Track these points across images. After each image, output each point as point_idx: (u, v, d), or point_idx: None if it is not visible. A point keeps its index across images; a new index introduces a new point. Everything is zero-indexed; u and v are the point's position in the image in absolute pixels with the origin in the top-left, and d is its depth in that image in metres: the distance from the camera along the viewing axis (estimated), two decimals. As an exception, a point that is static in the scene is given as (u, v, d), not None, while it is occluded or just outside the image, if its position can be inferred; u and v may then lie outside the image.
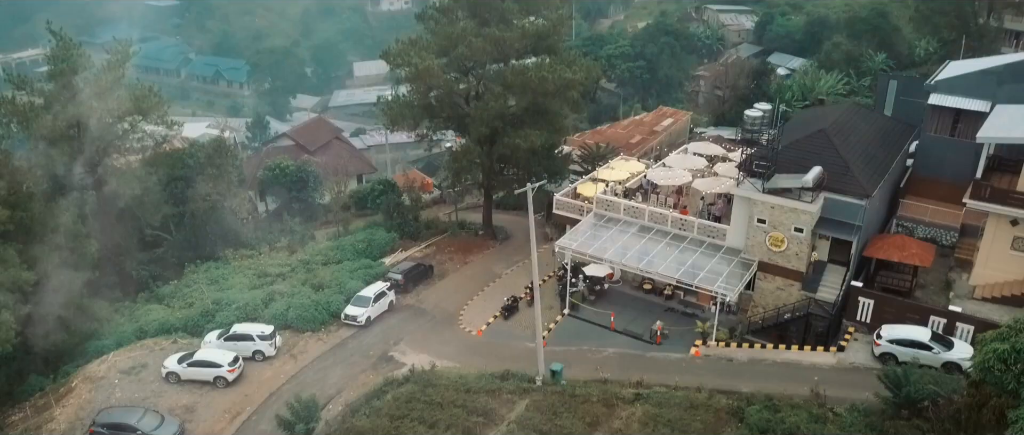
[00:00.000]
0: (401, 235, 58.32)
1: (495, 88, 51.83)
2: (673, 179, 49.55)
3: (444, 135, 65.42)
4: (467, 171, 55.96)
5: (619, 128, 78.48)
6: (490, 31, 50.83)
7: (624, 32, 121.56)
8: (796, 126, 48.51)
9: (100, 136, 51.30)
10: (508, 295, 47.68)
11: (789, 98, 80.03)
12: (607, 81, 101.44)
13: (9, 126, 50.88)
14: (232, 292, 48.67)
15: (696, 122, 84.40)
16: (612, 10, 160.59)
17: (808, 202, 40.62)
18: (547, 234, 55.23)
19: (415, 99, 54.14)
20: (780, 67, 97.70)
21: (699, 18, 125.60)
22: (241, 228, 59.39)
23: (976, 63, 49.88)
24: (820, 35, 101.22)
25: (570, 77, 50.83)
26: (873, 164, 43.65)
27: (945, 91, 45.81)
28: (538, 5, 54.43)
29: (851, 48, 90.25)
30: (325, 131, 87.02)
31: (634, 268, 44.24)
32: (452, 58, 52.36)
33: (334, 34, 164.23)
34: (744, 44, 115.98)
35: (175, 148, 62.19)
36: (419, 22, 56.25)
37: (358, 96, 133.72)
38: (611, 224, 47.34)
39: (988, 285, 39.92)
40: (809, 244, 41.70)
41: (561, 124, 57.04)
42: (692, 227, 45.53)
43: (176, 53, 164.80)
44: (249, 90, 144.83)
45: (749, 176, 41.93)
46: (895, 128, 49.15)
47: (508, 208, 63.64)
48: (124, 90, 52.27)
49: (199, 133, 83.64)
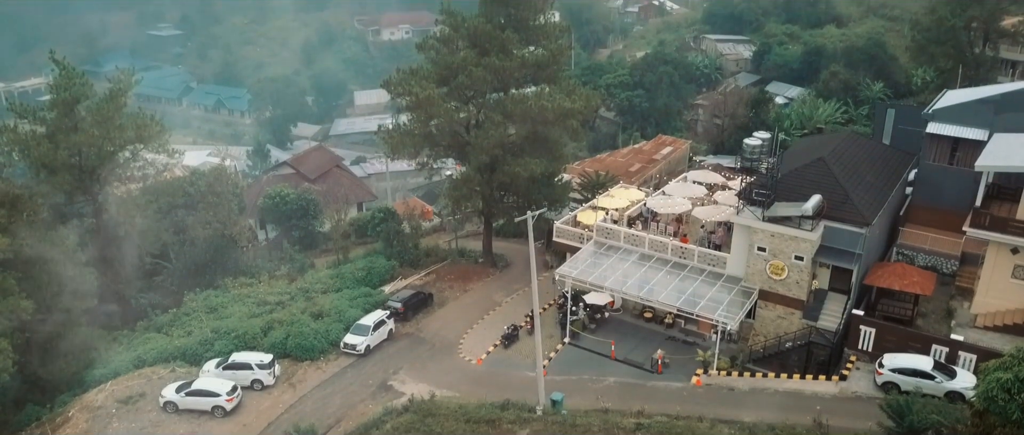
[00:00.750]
0: (401, 263, 58.26)
1: (495, 117, 52.10)
2: (673, 207, 49.63)
3: (444, 163, 65.59)
4: (467, 199, 56.04)
5: (618, 156, 78.75)
6: (490, 61, 51.22)
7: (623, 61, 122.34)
8: (795, 154, 48.72)
9: (101, 164, 51.48)
10: (508, 323, 47.50)
11: (788, 126, 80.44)
12: (606, 110, 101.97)
13: (10, 155, 51.08)
14: (231, 320, 48.47)
15: (695, 151, 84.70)
16: (611, 40, 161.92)
17: (808, 230, 40.65)
18: (547, 262, 55.17)
19: (415, 128, 54.39)
20: (778, 96, 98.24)
21: (697, 48, 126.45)
22: (241, 256, 59.34)
23: (973, 92, 50.27)
24: (817, 64, 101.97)
25: (570, 106, 51.15)
26: (872, 192, 43.75)
27: (943, 120, 46.07)
28: (538, 35, 54.88)
29: (848, 77, 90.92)
30: (325, 159, 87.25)
31: (634, 296, 44.13)
32: (452, 87, 52.71)
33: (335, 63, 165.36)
34: (742, 73, 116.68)
35: (176, 176, 62.36)
36: (420, 52, 56.68)
37: (359, 125, 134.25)
38: (611, 252, 47.32)
39: (990, 314, 39.79)
40: (810, 272, 41.65)
41: (561, 152, 57.28)
42: (692, 255, 45.51)
43: (178, 82, 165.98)
44: (250, 118, 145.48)
45: (749, 204, 42.00)
46: (894, 156, 49.35)
47: (508, 236, 63.64)
48: (126, 118, 52.53)
49: (200, 161, 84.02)
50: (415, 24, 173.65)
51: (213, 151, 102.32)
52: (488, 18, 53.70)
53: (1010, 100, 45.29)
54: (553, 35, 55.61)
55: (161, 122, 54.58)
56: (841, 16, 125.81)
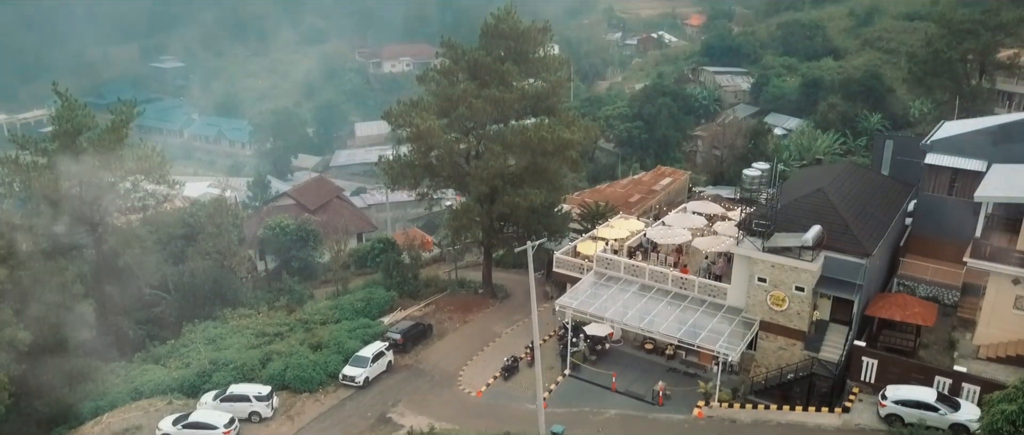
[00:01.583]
0: (400, 294, 58.07)
1: (495, 147, 52.34)
2: (673, 238, 49.61)
3: (444, 194, 65.73)
4: (467, 229, 56.04)
5: (618, 187, 78.94)
6: (490, 92, 51.56)
7: (622, 93, 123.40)
8: (794, 185, 48.82)
9: (102, 195, 51.55)
10: (508, 355, 47.20)
11: (787, 157, 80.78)
12: (606, 141, 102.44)
13: (11, 185, 51.18)
14: (229, 352, 48.17)
15: (695, 181, 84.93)
16: (610, 72, 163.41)
17: (808, 261, 40.59)
18: (547, 293, 55.00)
19: (416, 158, 54.63)
20: (777, 127, 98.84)
21: (696, 79, 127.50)
22: (240, 287, 59.17)
23: (971, 123, 50.57)
24: (815, 96, 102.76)
25: (569, 137, 51.40)
26: (872, 223, 43.77)
27: (941, 151, 46.29)
28: (537, 67, 55.32)
29: (846, 109, 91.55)
30: (326, 190, 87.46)
31: (635, 328, 43.94)
32: (452, 119, 53.01)
33: (336, 95, 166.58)
34: (740, 105, 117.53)
35: (176, 207, 62.42)
36: (420, 84, 57.13)
37: (359, 156, 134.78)
38: (611, 283, 47.20)
39: (993, 345, 39.59)
40: (810, 303, 41.51)
41: (560, 183, 57.43)
42: (693, 286, 45.40)
43: (180, 113, 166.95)
44: (251, 150, 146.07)
45: (749, 235, 41.99)
46: (893, 187, 49.45)
47: (508, 266, 63.52)
48: (127, 150, 52.75)
49: (200, 192, 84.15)
50: (416, 57, 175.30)
51: (214, 182, 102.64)
52: (488, 51, 54.20)
53: (1008, 131, 45.55)
54: (552, 67, 56.06)
55: (162, 153, 54.77)
56: (838, 49, 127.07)
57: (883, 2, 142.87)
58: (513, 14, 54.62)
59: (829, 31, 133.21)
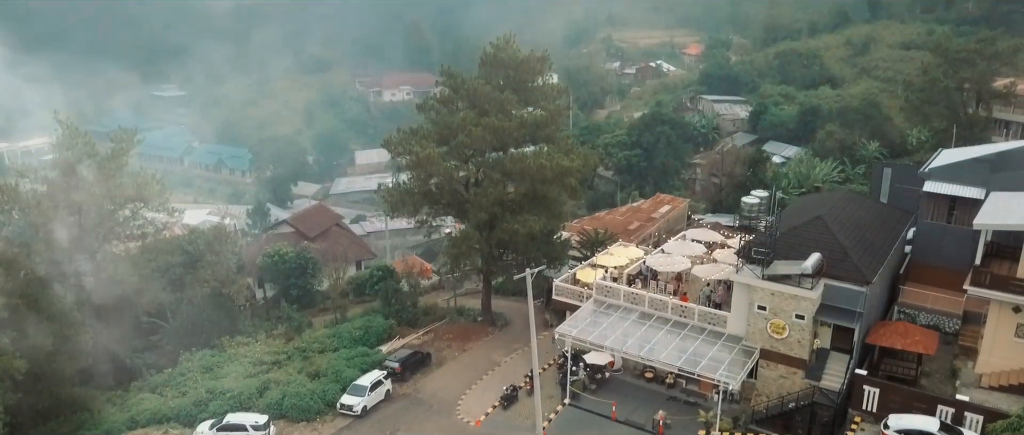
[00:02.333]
0: (399, 322, 57.83)
1: (494, 175, 52.47)
2: (672, 265, 49.53)
3: (443, 221, 65.73)
4: (466, 256, 55.96)
5: (617, 214, 78.96)
6: (489, 121, 51.80)
7: (620, 121, 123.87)
8: (793, 213, 48.88)
9: (101, 223, 51.55)
10: (507, 384, 46.87)
11: (785, 185, 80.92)
12: (605, 169, 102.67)
13: (10, 213, 51.18)
14: (227, 380, 47.86)
15: (694, 209, 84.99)
16: (608, 101, 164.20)
17: (808, 289, 40.48)
18: (547, 321, 54.76)
19: (415, 186, 54.74)
20: (775, 155, 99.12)
21: (694, 108, 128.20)
22: (238, 315, 58.91)
23: (968, 151, 50.69)
24: (813, 124, 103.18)
25: (568, 164, 51.56)
26: (872, 250, 43.73)
27: (940, 178, 46.36)
28: (536, 96, 55.65)
29: (844, 137, 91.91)
30: (325, 218, 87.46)
31: (635, 356, 43.69)
32: (452, 146, 53.20)
33: (337, 123, 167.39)
34: (739, 133, 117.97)
35: (175, 235, 62.34)
36: (420, 112, 57.42)
37: (359, 183, 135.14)
38: (611, 310, 47.03)
39: (995, 373, 39.35)
40: (811, 331, 41.33)
41: (559, 210, 57.46)
42: (692, 314, 45.24)
43: (180, 141, 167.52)
44: (251, 177, 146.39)
45: (748, 263, 41.92)
46: (892, 215, 49.48)
47: (507, 294, 63.32)
48: (127, 177, 52.84)
49: (200, 220, 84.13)
50: (416, 85, 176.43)
51: (213, 210, 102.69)
52: (487, 79, 54.57)
53: (1005, 159, 45.70)
54: (551, 96, 56.41)
55: (162, 181, 54.91)
56: (835, 77, 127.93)
57: (879, 32, 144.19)
58: (512, 43, 55.10)
59: (826, 60, 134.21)
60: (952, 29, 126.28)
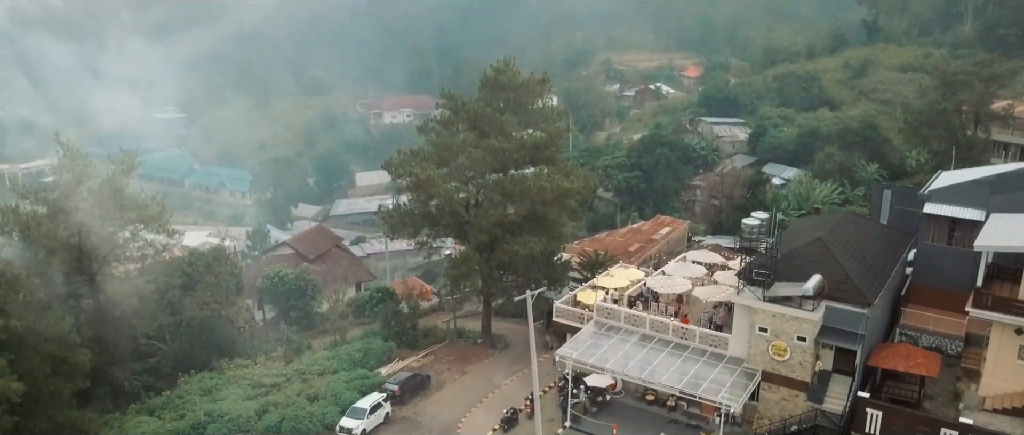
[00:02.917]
0: (399, 344, 57.59)
1: (494, 196, 52.52)
2: (673, 287, 49.43)
3: (443, 242, 65.68)
4: (466, 278, 55.87)
5: (617, 236, 78.98)
6: (489, 142, 51.94)
7: (620, 144, 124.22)
8: (793, 234, 48.83)
9: (101, 245, 51.47)
10: (508, 407, 46.55)
11: (785, 207, 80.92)
12: (604, 190, 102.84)
13: (11, 235, 51.11)
14: (225, 403, 47.53)
15: (694, 231, 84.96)
16: (608, 123, 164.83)
17: (809, 310, 40.36)
18: (547, 343, 54.53)
19: (415, 207, 54.77)
20: (775, 177, 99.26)
21: (693, 130, 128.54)
22: (237, 337, 58.68)
23: (968, 173, 50.77)
24: (812, 146, 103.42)
25: (568, 186, 51.62)
26: (873, 272, 43.65)
27: (940, 200, 46.36)
28: (536, 118, 55.85)
29: (843, 159, 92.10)
30: (325, 239, 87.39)
31: (636, 378, 43.46)
32: (452, 168, 53.30)
33: (337, 145, 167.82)
34: (738, 155, 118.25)
35: (175, 256, 62.24)
36: (420, 134, 57.57)
37: (359, 205, 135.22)
38: (612, 333, 46.85)
39: (998, 396, 39.08)
40: (813, 353, 41.16)
41: (560, 232, 57.44)
42: (693, 336, 45.07)
43: (181, 163, 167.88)
44: (251, 199, 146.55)
45: (749, 284, 41.83)
46: (892, 236, 49.46)
47: (507, 316, 63.10)
48: (127, 199, 52.83)
49: (200, 242, 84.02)
50: (416, 108, 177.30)
51: (213, 231, 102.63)
52: (488, 102, 54.78)
53: (1005, 181, 45.72)
54: (551, 118, 56.60)
55: (162, 202, 54.85)
56: (834, 100, 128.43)
57: (877, 54, 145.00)
58: (512, 66, 55.38)
59: (824, 83, 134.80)
60: (949, 52, 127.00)
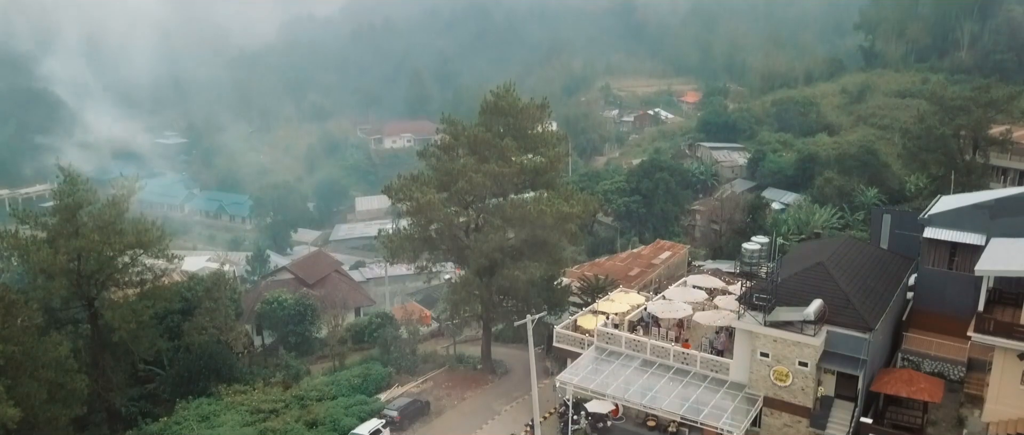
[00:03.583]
0: (398, 369, 57.25)
1: (494, 221, 52.52)
2: (674, 312, 49.26)
3: (443, 267, 65.59)
4: (466, 303, 55.71)
5: (617, 260, 78.87)
6: (490, 167, 52.05)
7: (619, 168, 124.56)
8: (794, 259, 48.78)
9: (100, 269, 51.37)
10: (508, 433, 46.16)
11: (785, 231, 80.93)
12: (604, 215, 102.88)
13: (10, 259, 51.01)
14: (223, 430, 47.14)
15: (694, 255, 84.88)
16: (607, 148, 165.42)
17: (811, 335, 40.18)
18: (547, 368, 54.21)
19: (415, 232, 54.76)
20: (774, 202, 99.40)
21: (692, 155, 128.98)
22: (236, 363, 58.36)
23: (967, 198, 50.82)
24: (811, 171, 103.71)
25: (568, 210, 51.65)
26: (874, 297, 43.53)
27: (940, 225, 46.36)
28: (536, 143, 56.02)
29: (842, 183, 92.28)
30: (324, 264, 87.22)
31: (637, 404, 43.14)
32: (452, 193, 53.36)
33: (337, 170, 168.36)
34: (738, 179, 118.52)
35: (174, 281, 62.09)
36: (420, 159, 57.74)
37: (359, 230, 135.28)
38: (613, 358, 46.60)
39: (1002, 422, 38.73)
40: (815, 379, 40.91)
41: (560, 256, 57.39)
42: (695, 361, 44.82)
43: (181, 188, 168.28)
44: (251, 224, 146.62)
45: (750, 309, 41.70)
46: (893, 261, 49.38)
47: (507, 341, 62.84)
48: (126, 224, 52.81)
49: (199, 266, 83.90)
50: (417, 133, 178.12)
51: (212, 256, 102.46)
52: (488, 127, 54.99)
53: (1005, 205, 45.73)
54: (551, 143, 56.76)
55: (161, 227, 54.84)
56: (832, 125, 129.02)
57: (874, 80, 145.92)
58: (512, 92, 55.69)
59: (822, 108, 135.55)
60: (946, 78, 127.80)
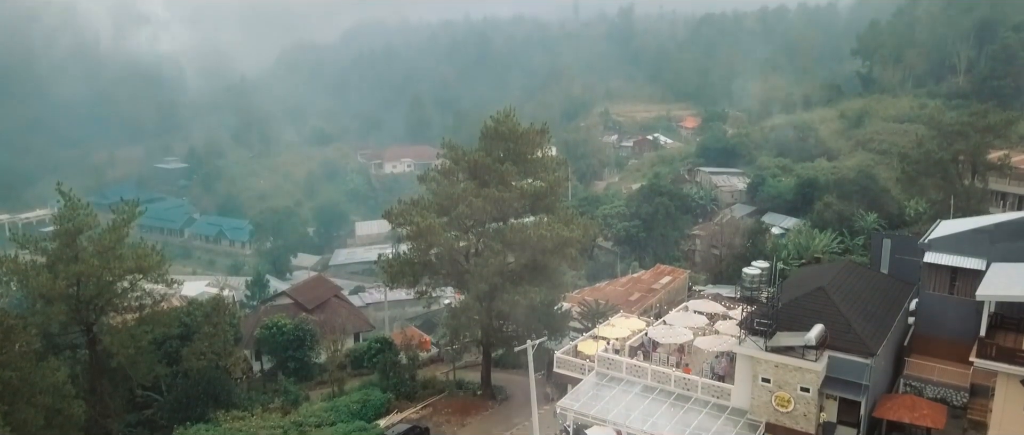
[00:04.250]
0: (397, 395, 56.88)
1: (494, 245, 52.49)
2: (675, 337, 49.07)
3: (443, 292, 65.44)
4: (466, 328, 55.52)
5: (618, 285, 78.74)
6: (490, 192, 52.16)
7: (619, 193, 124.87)
8: (794, 284, 48.68)
9: (99, 294, 51.24)
10: (508, 459, 45.85)
11: (785, 256, 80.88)
12: (604, 239, 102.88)
13: (8, 284, 50.89)
14: (220, 456, 46.74)
15: (694, 280, 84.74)
16: (606, 172, 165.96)
17: (812, 360, 39.99)
18: (548, 394, 53.82)
19: (415, 256, 54.72)
20: (774, 226, 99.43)
21: (692, 179, 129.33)
22: (234, 388, 58.02)
23: (967, 222, 50.80)
24: (810, 196, 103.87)
25: (568, 235, 51.64)
26: (875, 322, 43.38)
27: (940, 249, 46.27)
28: (536, 168, 56.19)
29: (842, 208, 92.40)
30: (324, 289, 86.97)
31: (639, 430, 42.76)
32: (453, 217, 53.41)
33: (337, 195, 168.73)
34: (737, 204, 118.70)
35: (173, 306, 61.91)
36: (421, 183, 57.87)
37: (359, 254, 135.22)
38: (614, 383, 46.33)
39: (1006, 448, 38.46)
40: (817, 404, 40.63)
41: (560, 281, 57.34)
42: (696, 387, 44.56)
43: (181, 213, 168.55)
44: (251, 249, 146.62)
45: (751, 334, 41.55)
46: (894, 286, 49.27)
47: (508, 366, 62.50)
48: (126, 249, 52.75)
49: (198, 291, 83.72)
50: (417, 158, 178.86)
51: (212, 281, 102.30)
52: (488, 152, 55.17)
53: (1005, 230, 45.69)
54: (551, 167, 56.95)
55: (161, 252, 54.73)
56: (831, 150, 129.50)
57: (872, 105, 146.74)
58: (512, 117, 55.95)
59: (821, 133, 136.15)
60: (944, 103, 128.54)
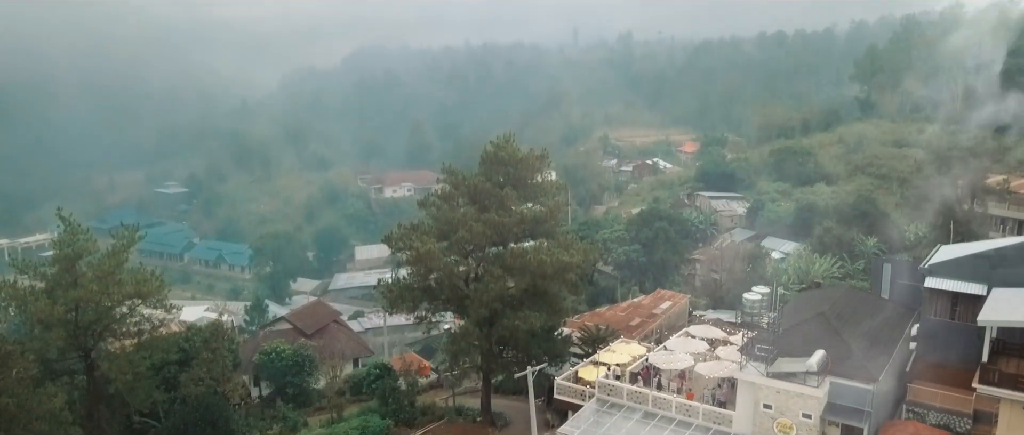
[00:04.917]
0: (396, 422, 56.44)
1: (494, 270, 52.40)
2: (675, 363, 48.84)
3: (442, 317, 65.22)
4: (465, 353, 55.25)
5: (618, 310, 78.44)
6: (489, 216, 52.19)
7: (619, 217, 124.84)
8: (795, 309, 48.54)
9: (98, 320, 51.04)
10: (508, 487, 45.41)
11: (785, 281, 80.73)
12: (604, 264, 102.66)
13: (7, 310, 50.70)
14: (217, 484, 46.29)
15: (694, 305, 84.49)
16: (606, 197, 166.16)
17: (814, 387, 39.76)
18: (548, 421, 53.41)
19: (415, 281, 54.61)
20: (774, 251, 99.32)
21: (691, 204, 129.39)
22: (232, 414, 57.58)
23: (968, 247, 50.80)
24: (810, 220, 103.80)
25: (568, 259, 51.59)
26: (877, 347, 43.19)
27: (940, 274, 46.23)
28: (535, 192, 56.30)
29: (842, 233, 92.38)
30: (323, 314, 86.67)
31: (639, 457, 42.47)
32: (452, 242, 53.39)
33: (337, 219, 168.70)
34: (737, 229, 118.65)
35: (172, 331, 61.63)
36: (421, 208, 57.92)
37: (358, 279, 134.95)
38: (615, 410, 46.02)
39: (1011, 475, 38.15)
40: (819, 431, 40.33)
41: (560, 306, 57.12)
42: (697, 413, 44.26)
43: (181, 237, 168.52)
44: (250, 274, 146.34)
45: (752, 360, 41.36)
46: (895, 311, 49.14)
47: (508, 392, 62.04)
48: (125, 274, 52.62)
49: (198, 316, 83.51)
50: (417, 183, 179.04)
51: (211, 306, 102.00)
52: (488, 177, 55.31)
53: (1005, 255, 45.69)
54: (550, 192, 57.06)
55: (161, 277, 54.60)
56: (830, 174, 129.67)
57: (871, 130, 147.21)
58: (512, 142, 56.16)
59: (820, 158, 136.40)
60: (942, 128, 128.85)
